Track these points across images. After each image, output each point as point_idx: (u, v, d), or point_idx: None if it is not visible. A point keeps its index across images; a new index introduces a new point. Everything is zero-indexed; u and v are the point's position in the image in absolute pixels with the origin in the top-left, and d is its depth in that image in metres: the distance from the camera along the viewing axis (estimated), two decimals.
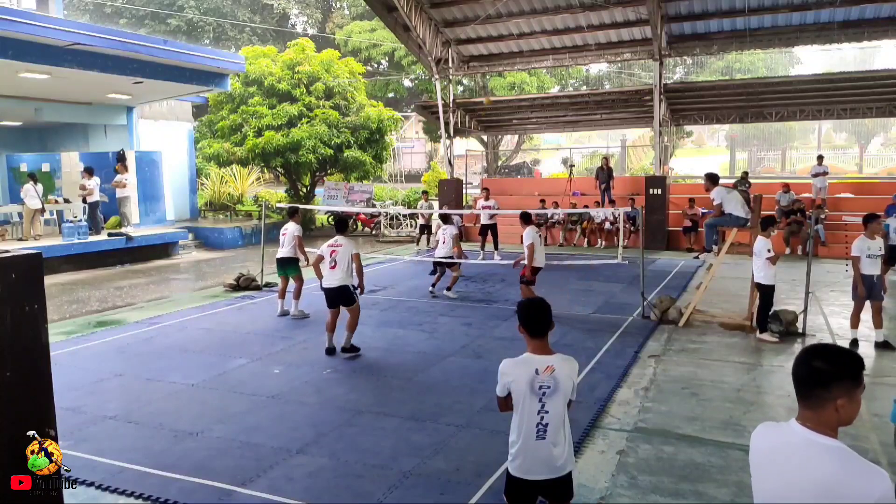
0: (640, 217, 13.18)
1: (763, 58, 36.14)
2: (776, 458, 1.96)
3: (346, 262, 7.21)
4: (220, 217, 23.33)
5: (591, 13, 16.39)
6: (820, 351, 1.93)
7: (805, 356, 1.94)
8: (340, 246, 7.27)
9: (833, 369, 1.87)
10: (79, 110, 17.65)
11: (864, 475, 1.81)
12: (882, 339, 7.54)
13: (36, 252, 2.96)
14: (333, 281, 7.23)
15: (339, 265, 7.20)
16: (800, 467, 1.88)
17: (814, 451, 1.87)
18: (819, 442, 1.88)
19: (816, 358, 1.91)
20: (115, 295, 11.79)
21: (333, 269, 7.23)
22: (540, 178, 30.77)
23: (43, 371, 2.92)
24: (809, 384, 1.90)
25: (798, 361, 1.95)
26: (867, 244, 7.45)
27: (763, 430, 2.11)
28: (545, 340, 3.06)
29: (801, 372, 1.93)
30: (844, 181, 21.17)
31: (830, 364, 1.88)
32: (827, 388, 1.86)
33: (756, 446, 2.09)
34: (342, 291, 7.22)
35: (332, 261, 7.24)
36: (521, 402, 3.00)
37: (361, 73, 23.73)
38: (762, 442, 2.07)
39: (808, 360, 1.92)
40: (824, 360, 1.89)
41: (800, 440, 1.91)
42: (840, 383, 1.86)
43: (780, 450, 1.96)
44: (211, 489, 4.36)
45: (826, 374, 1.87)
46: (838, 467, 1.83)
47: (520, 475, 3.04)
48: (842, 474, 1.82)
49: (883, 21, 14.96)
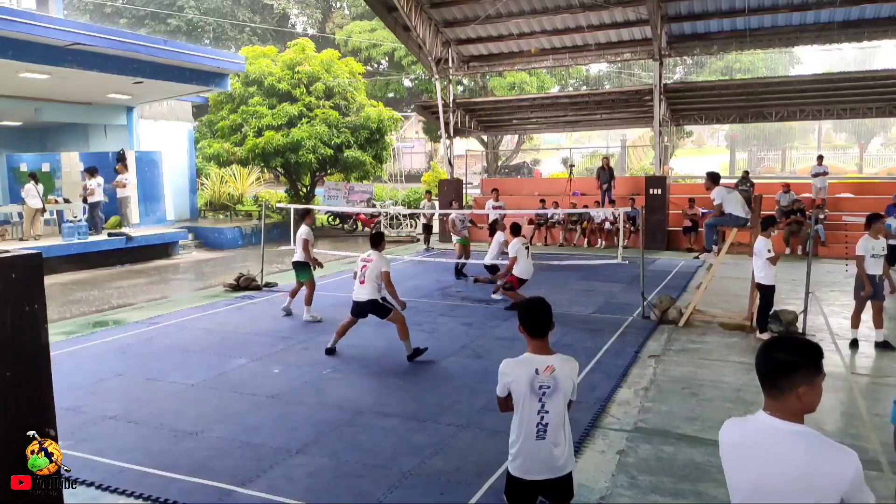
0: (640, 217, 13.19)
1: (763, 58, 36.13)
2: (748, 450, 2.01)
3: (374, 277, 7.07)
4: (220, 217, 23.34)
5: (591, 13, 16.40)
6: (781, 343, 2.01)
7: (767, 349, 2.02)
8: (371, 261, 7.12)
9: (794, 360, 1.95)
10: (79, 110, 17.65)
11: (835, 456, 1.87)
12: (882, 339, 7.55)
13: (36, 252, 2.96)
14: (361, 295, 7.11)
15: (368, 281, 7.05)
16: (772, 455, 1.94)
17: (783, 437, 1.94)
18: (787, 429, 1.94)
19: (778, 350, 1.98)
20: (115, 295, 11.79)
21: (362, 283, 7.10)
22: (540, 178, 30.77)
23: (43, 371, 2.93)
24: (773, 375, 1.97)
25: (760, 354, 2.02)
26: (871, 244, 7.46)
27: (730, 424, 2.15)
28: (545, 340, 3.06)
29: (765, 364, 2.00)
30: (844, 181, 21.17)
31: (792, 355, 1.96)
32: (790, 378, 1.94)
33: (725, 441, 2.11)
34: (372, 305, 7.11)
35: (360, 275, 7.11)
36: (522, 402, 3.00)
37: (361, 73, 23.73)
38: (731, 436, 2.10)
39: (770, 352, 1.99)
40: (785, 351, 1.97)
41: (768, 429, 1.97)
42: (802, 373, 1.94)
43: (751, 441, 2.01)
44: (211, 489, 4.36)
45: (788, 365, 1.95)
46: (810, 451, 1.89)
47: (520, 475, 3.04)
48: (814, 457, 1.88)
49: (883, 21, 14.96)
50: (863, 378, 6.67)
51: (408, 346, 7.18)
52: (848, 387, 6.36)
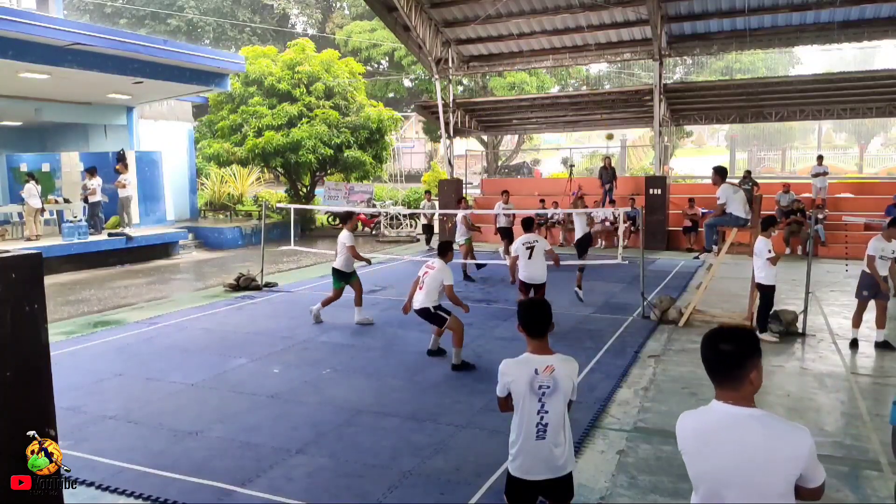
0: (641, 217, 13.17)
1: (763, 58, 36.13)
2: (710, 439, 2.07)
3: (434, 287, 6.90)
4: (220, 217, 23.33)
5: (591, 13, 16.39)
6: (723, 336, 2.09)
7: (712, 343, 2.10)
8: (433, 269, 7.00)
9: (743, 349, 2.05)
10: (79, 110, 17.65)
11: (792, 435, 2.00)
12: (882, 339, 7.56)
13: (36, 252, 2.96)
14: (416, 303, 7.01)
15: (426, 288, 6.92)
16: (735, 441, 2.02)
17: (743, 423, 2.03)
18: (745, 414, 2.03)
19: (724, 342, 2.07)
20: (115, 295, 11.78)
21: (420, 289, 7.00)
22: (540, 178, 30.77)
23: (43, 371, 2.92)
24: (725, 367, 2.07)
25: (708, 350, 2.10)
26: (882, 245, 7.50)
27: (686, 417, 2.21)
28: (545, 341, 3.06)
29: (716, 358, 2.09)
30: (844, 181, 21.17)
31: (739, 346, 2.06)
32: (741, 366, 2.05)
33: (684, 433, 2.17)
34: (424, 314, 6.98)
35: (420, 281, 7.03)
36: (521, 402, 3.00)
37: (361, 73, 23.72)
38: (689, 427, 2.16)
39: (716, 345, 2.08)
40: (731, 343, 2.06)
41: (727, 416, 2.05)
42: (750, 360, 2.05)
43: (711, 430, 2.08)
44: (211, 489, 4.36)
45: (738, 356, 2.05)
46: (769, 433, 2.00)
47: (520, 475, 3.04)
48: (774, 438, 1.99)
49: (883, 21, 14.95)
50: (863, 378, 6.67)
51: (458, 354, 6.92)
52: (848, 387, 6.36)
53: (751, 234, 8.77)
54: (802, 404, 5.87)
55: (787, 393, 6.17)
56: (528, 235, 8.20)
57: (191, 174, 21.42)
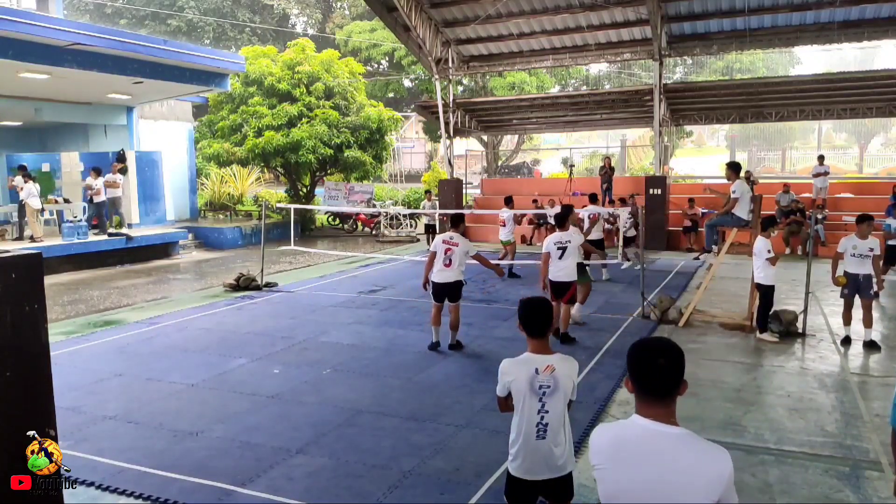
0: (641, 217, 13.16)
1: (763, 58, 36.12)
2: (627, 456, 1.97)
3: (461, 259, 7.26)
4: (220, 217, 23.33)
5: (591, 13, 16.39)
6: (662, 349, 1.99)
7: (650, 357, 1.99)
8: (457, 245, 7.25)
9: (679, 365, 1.97)
10: (79, 110, 17.64)
11: (714, 457, 1.90)
12: (869, 339, 7.57)
13: (36, 252, 2.96)
14: (448, 277, 7.27)
15: (455, 262, 7.23)
16: (652, 460, 1.92)
17: (663, 441, 1.93)
18: (666, 432, 1.94)
19: (660, 357, 1.97)
20: (115, 295, 11.78)
21: (447, 266, 7.25)
22: (540, 178, 30.76)
23: (43, 371, 2.93)
24: (664, 384, 1.97)
25: (644, 362, 1.99)
26: (854, 242, 7.58)
27: (603, 430, 2.11)
28: (545, 340, 3.06)
29: (652, 373, 1.97)
30: (844, 181, 21.17)
31: (675, 361, 1.97)
32: (677, 381, 1.97)
33: (599, 448, 2.05)
34: (455, 286, 7.32)
35: (446, 258, 7.24)
36: (522, 402, 3.00)
37: (361, 74, 23.72)
38: (606, 442, 2.05)
39: (655, 360, 1.97)
40: (670, 357, 1.97)
41: (647, 433, 1.95)
42: (682, 375, 1.98)
43: (630, 446, 1.98)
44: (211, 489, 4.36)
45: (676, 372, 1.97)
46: (692, 453, 1.91)
47: (520, 475, 3.04)
48: (696, 459, 1.90)
49: (883, 21, 14.96)
50: (862, 378, 6.67)
51: (454, 335, 7.54)
52: (848, 387, 6.36)
53: (751, 234, 8.77)
54: (802, 404, 5.87)
55: (788, 393, 6.17)
56: (560, 234, 7.81)
57: (191, 174, 21.41)
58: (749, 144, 42.88)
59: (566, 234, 7.80)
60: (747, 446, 4.99)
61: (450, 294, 7.35)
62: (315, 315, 9.50)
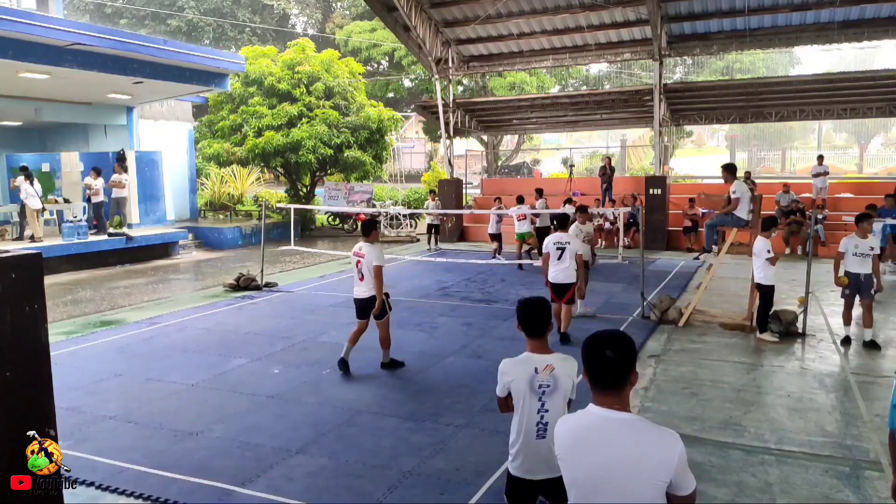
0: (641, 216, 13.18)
1: (763, 58, 36.14)
2: (584, 444, 2.07)
3: (371, 272, 6.56)
4: (220, 217, 23.33)
5: (591, 13, 16.39)
6: (608, 341, 2.09)
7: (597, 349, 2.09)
8: (363, 256, 6.59)
9: (627, 356, 2.08)
10: (79, 110, 17.64)
11: (661, 441, 2.01)
12: (869, 339, 7.58)
13: (36, 252, 2.96)
14: (363, 292, 6.65)
15: (367, 276, 6.58)
16: (604, 444, 2.02)
17: (617, 428, 2.03)
18: (617, 418, 2.04)
19: (607, 348, 2.07)
20: (115, 295, 11.78)
21: (361, 280, 6.65)
22: (540, 178, 30.76)
23: (43, 371, 2.93)
24: (612, 374, 2.07)
25: (593, 354, 2.09)
26: (855, 242, 7.57)
27: (564, 421, 2.22)
28: (544, 340, 3.06)
29: (600, 364, 2.08)
30: (844, 181, 21.17)
31: (624, 352, 2.08)
32: (626, 372, 2.07)
33: (561, 438, 2.16)
34: (372, 303, 6.61)
35: (358, 272, 6.67)
36: (521, 402, 3.00)
37: (361, 74, 23.71)
38: (565, 432, 2.15)
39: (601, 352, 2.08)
40: (616, 349, 2.08)
41: (602, 421, 2.06)
42: (632, 365, 2.09)
43: (585, 435, 2.08)
44: (211, 489, 4.36)
45: (624, 363, 2.07)
46: (640, 437, 2.02)
47: (520, 475, 3.04)
48: (645, 443, 2.00)
49: (883, 21, 14.96)
50: (863, 378, 6.67)
51: (386, 353, 6.91)
52: (848, 387, 6.36)
53: (751, 234, 8.77)
54: (802, 404, 5.87)
55: (788, 393, 6.17)
56: (560, 234, 7.82)
57: (191, 174, 21.41)
58: (749, 144, 42.88)
59: (566, 236, 7.90)
60: (748, 446, 4.99)
61: (369, 311, 6.65)
62: (315, 315, 9.50)
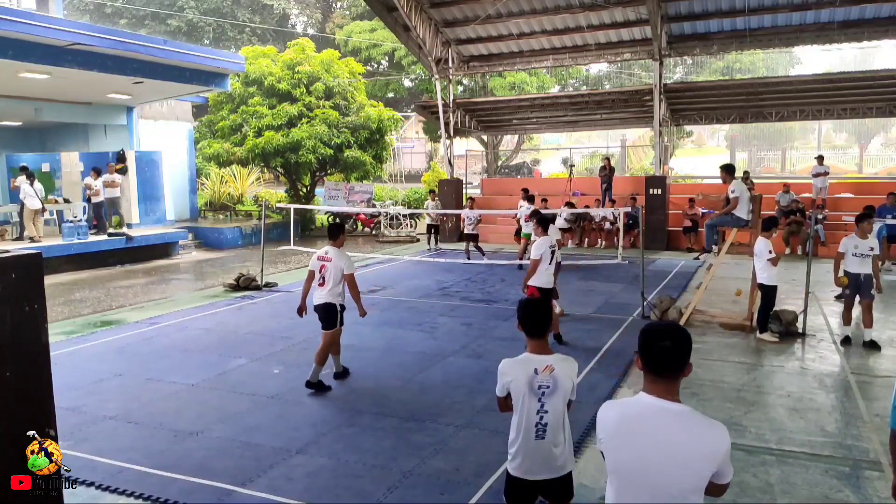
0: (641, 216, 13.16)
1: (763, 58, 36.13)
2: (631, 429, 2.11)
3: (337, 280, 6.22)
4: (220, 217, 23.33)
5: (591, 13, 16.39)
6: (670, 333, 2.14)
7: (658, 339, 2.13)
8: (330, 260, 6.25)
9: (684, 348, 2.12)
10: (79, 110, 17.64)
11: (711, 434, 2.07)
12: (869, 339, 7.58)
13: (36, 252, 2.96)
14: (320, 298, 6.28)
15: (329, 283, 6.21)
16: (654, 433, 2.06)
17: (666, 418, 2.08)
18: (669, 409, 2.09)
19: (669, 339, 2.11)
20: (115, 295, 11.78)
21: (322, 286, 6.25)
22: (540, 178, 30.76)
23: (43, 371, 2.92)
24: (669, 363, 2.12)
25: (650, 343, 2.14)
26: (855, 242, 7.59)
27: (610, 406, 2.26)
28: (544, 340, 3.07)
29: (658, 354, 2.12)
30: (844, 181, 21.16)
31: (681, 344, 2.12)
32: (683, 364, 2.13)
33: (606, 422, 2.19)
34: (325, 310, 6.28)
35: (319, 277, 6.28)
36: (521, 402, 3.00)
37: (361, 74, 23.71)
38: (613, 417, 2.19)
39: (662, 342, 2.12)
40: (672, 340, 2.11)
41: (651, 409, 2.10)
42: (689, 356, 2.13)
43: (634, 421, 2.12)
44: (211, 489, 4.36)
45: (681, 354, 2.11)
46: (692, 429, 2.07)
47: (519, 475, 3.04)
48: (696, 435, 2.06)
49: (883, 21, 14.96)
50: (863, 378, 6.67)
51: (337, 361, 6.54)
52: (848, 387, 6.36)
53: (751, 234, 8.77)
54: (802, 404, 5.87)
55: (788, 393, 6.17)
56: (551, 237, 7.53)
57: (191, 174, 21.41)
58: (749, 144, 42.89)
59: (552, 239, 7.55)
60: (748, 446, 4.99)
61: (323, 318, 6.32)
62: (315, 315, 9.47)
